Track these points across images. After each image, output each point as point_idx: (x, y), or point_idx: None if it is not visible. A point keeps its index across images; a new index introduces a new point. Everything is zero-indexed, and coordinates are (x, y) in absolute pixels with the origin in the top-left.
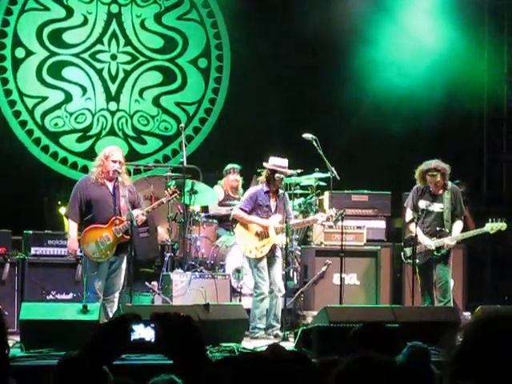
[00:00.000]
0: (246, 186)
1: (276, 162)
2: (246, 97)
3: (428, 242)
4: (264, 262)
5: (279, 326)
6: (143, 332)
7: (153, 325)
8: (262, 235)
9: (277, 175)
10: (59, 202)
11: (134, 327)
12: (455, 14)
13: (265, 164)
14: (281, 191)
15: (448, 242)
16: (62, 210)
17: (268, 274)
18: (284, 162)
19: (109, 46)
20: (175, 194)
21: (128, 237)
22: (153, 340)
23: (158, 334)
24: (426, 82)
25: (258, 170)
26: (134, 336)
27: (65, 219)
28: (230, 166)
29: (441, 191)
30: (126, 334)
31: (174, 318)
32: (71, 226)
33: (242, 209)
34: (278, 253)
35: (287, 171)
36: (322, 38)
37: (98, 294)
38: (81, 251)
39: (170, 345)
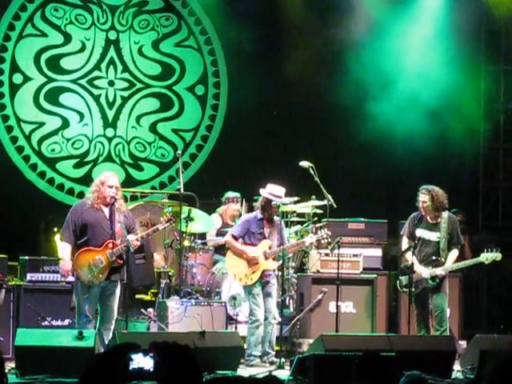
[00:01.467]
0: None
1: (272, 190)
2: (242, 124)
3: (422, 271)
4: (258, 289)
5: (274, 353)
6: (142, 361)
7: (151, 354)
8: (252, 262)
9: (273, 203)
10: (55, 229)
11: (133, 356)
12: (452, 41)
13: (261, 191)
14: (276, 218)
15: (440, 272)
16: (58, 238)
17: (263, 301)
18: (280, 190)
19: (106, 72)
20: (170, 222)
21: (121, 261)
22: (152, 369)
23: (156, 363)
24: (421, 110)
25: (255, 197)
26: (133, 365)
27: (57, 244)
28: (231, 194)
29: (438, 219)
30: (123, 365)
31: (172, 347)
32: (65, 248)
33: (233, 235)
34: (274, 280)
35: (282, 200)
36: (320, 64)
37: (89, 317)
38: (73, 274)
39: (169, 374)
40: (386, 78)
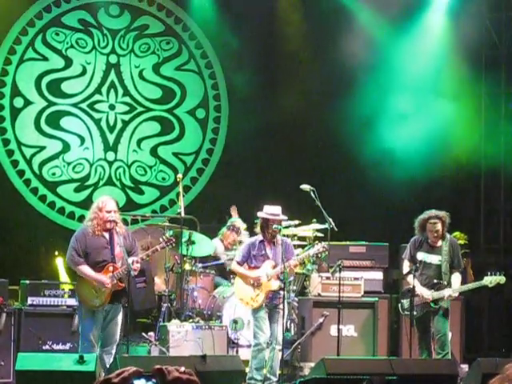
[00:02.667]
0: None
1: (268, 209)
2: (243, 147)
3: (426, 294)
4: (262, 312)
5: (276, 379)
6: None
7: (154, 380)
8: (256, 285)
9: (274, 227)
10: (56, 252)
11: (135, 382)
12: (453, 64)
13: (258, 213)
14: (279, 238)
15: (450, 293)
16: (59, 261)
17: (269, 326)
18: (276, 209)
19: (107, 96)
20: (170, 242)
21: (123, 285)
22: None
23: None
24: (423, 133)
25: (255, 221)
26: None
27: (58, 267)
28: (240, 224)
29: (439, 243)
30: None
31: (175, 373)
32: (85, 270)
33: (237, 262)
34: (282, 305)
35: (279, 218)
36: (321, 86)
37: (93, 342)
38: (76, 299)
39: None
40: (385, 102)
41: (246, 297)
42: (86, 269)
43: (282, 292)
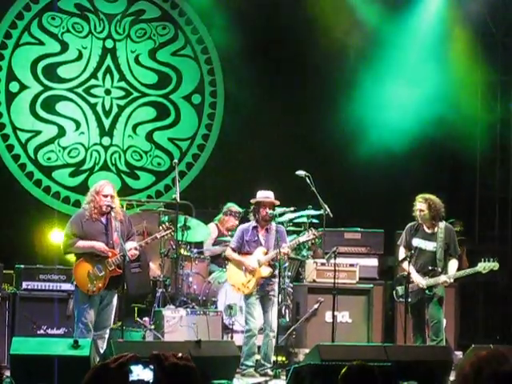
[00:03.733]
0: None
1: (260, 194)
2: (239, 133)
3: (420, 281)
4: (253, 298)
5: (270, 365)
6: (142, 373)
7: (151, 366)
8: (248, 271)
9: (269, 212)
10: (51, 235)
11: (133, 368)
12: (448, 49)
13: (252, 200)
14: (274, 225)
15: (445, 279)
16: (55, 237)
17: (261, 312)
18: (268, 193)
19: (103, 80)
20: (169, 231)
21: (120, 270)
22: (151, 381)
23: (156, 375)
24: (418, 119)
25: (244, 209)
26: (133, 377)
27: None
28: (236, 208)
29: (435, 229)
30: (124, 376)
31: (173, 358)
32: (80, 243)
33: (232, 248)
34: (275, 292)
35: (270, 200)
36: (316, 74)
37: (89, 326)
38: (72, 283)
39: None
40: (383, 89)
41: (238, 283)
42: (80, 243)
43: (273, 279)
